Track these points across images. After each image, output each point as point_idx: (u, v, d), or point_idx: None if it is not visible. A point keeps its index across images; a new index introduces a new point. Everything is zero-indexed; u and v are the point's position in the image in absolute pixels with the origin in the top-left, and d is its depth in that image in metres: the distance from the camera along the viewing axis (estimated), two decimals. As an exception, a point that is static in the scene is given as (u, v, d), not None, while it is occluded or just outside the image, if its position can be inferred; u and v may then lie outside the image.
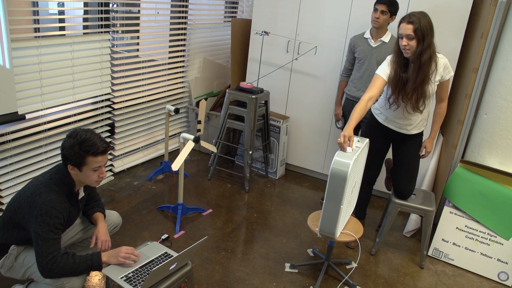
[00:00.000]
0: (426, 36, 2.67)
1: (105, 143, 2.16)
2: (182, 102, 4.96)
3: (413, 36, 2.67)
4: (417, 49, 2.71)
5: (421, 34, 2.66)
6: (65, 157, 2.12)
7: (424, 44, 2.68)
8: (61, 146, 2.12)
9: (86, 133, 2.13)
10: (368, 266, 3.23)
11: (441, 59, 2.81)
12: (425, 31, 2.65)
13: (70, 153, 2.09)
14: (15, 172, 3.21)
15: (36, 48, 3.12)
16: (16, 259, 2.22)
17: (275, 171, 4.56)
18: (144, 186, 4.02)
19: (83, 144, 2.09)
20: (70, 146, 2.09)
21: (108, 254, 2.21)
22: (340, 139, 2.55)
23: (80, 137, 2.10)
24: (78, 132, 2.12)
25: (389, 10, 3.39)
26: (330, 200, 2.52)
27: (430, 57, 2.72)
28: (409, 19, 2.68)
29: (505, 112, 3.20)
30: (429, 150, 3.19)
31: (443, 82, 2.89)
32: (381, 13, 3.40)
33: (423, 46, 2.68)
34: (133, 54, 4.17)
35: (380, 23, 3.43)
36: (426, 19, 2.68)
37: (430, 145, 3.19)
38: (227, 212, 3.75)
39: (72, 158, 2.10)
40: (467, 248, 3.30)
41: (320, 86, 4.29)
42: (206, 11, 5.16)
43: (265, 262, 3.13)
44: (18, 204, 2.12)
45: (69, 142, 2.10)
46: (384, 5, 3.38)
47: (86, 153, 2.10)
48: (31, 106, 3.19)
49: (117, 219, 2.66)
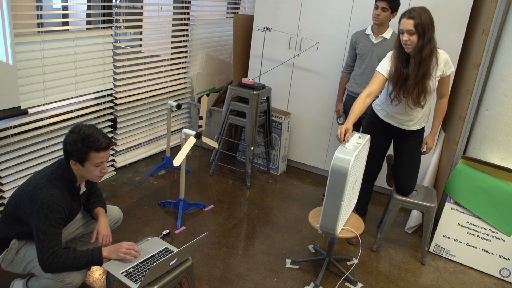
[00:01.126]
0: (427, 31, 2.68)
1: (108, 139, 2.17)
2: (184, 97, 4.97)
3: (414, 31, 2.69)
4: (418, 44, 2.72)
5: (422, 29, 2.67)
6: (67, 152, 2.13)
7: (425, 39, 2.69)
8: (64, 141, 2.13)
9: (88, 128, 2.13)
10: (369, 262, 3.23)
11: (442, 54, 2.82)
12: (425, 26, 2.67)
13: (72, 148, 2.09)
14: (17, 166, 3.22)
15: (39, 43, 3.13)
16: (17, 254, 2.23)
17: (277, 167, 4.56)
18: (146, 182, 4.04)
19: (86, 139, 2.09)
20: (73, 141, 2.09)
21: (108, 249, 2.22)
22: (337, 131, 2.65)
23: (83, 132, 2.10)
24: (81, 128, 2.12)
25: (390, 7, 3.38)
26: (330, 197, 2.52)
27: (431, 52, 2.73)
28: (410, 14, 2.70)
29: (507, 108, 3.19)
30: (430, 146, 3.18)
31: (444, 77, 2.90)
32: (382, 10, 3.39)
33: (423, 41, 2.70)
34: (136, 49, 4.17)
35: (381, 20, 3.43)
36: (426, 14, 2.70)
37: (431, 142, 3.18)
38: (228, 208, 3.76)
39: (74, 154, 2.11)
40: (469, 245, 3.30)
41: (322, 82, 4.29)
42: (208, 7, 5.16)
43: (266, 258, 3.14)
44: (20, 198, 2.13)
45: (72, 138, 2.10)
46: (384, 2, 3.36)
47: (89, 149, 2.10)
48: (33, 101, 3.20)
49: (118, 214, 2.67)
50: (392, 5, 3.37)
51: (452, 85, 3.74)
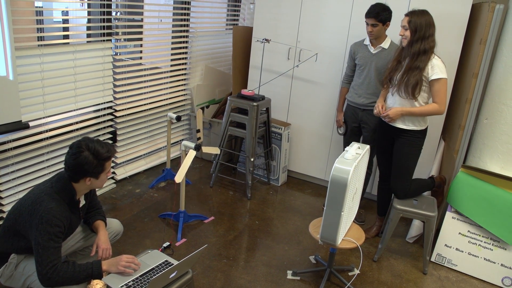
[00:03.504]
0: (419, 29, 2.94)
1: (109, 144, 2.24)
2: (184, 109, 4.98)
3: (407, 27, 2.98)
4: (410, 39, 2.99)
5: (414, 26, 2.95)
6: (84, 173, 2.14)
7: (416, 36, 2.96)
8: (77, 163, 2.12)
9: (92, 142, 2.16)
10: (371, 273, 3.22)
11: (434, 59, 3.00)
12: (418, 25, 2.94)
13: (90, 167, 2.13)
14: (17, 180, 3.22)
15: (39, 56, 3.15)
16: (16, 268, 2.22)
17: (277, 178, 4.56)
18: (146, 194, 4.03)
19: (99, 154, 2.14)
20: (88, 161, 2.12)
21: (108, 262, 2.21)
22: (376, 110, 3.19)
23: (91, 148, 2.14)
24: (87, 144, 2.14)
25: (379, 21, 3.39)
26: (330, 207, 2.52)
27: (420, 50, 2.96)
28: (408, 13, 3.03)
29: (505, 117, 3.20)
30: (387, 113, 3.15)
31: (431, 82, 3.02)
32: (372, 26, 3.43)
33: (414, 37, 2.97)
34: (135, 62, 4.19)
35: (375, 34, 3.47)
36: (424, 16, 2.96)
37: (393, 112, 3.13)
38: (229, 220, 3.75)
39: (92, 171, 2.15)
40: (470, 254, 3.28)
41: (321, 93, 4.30)
42: (208, 19, 5.19)
43: (267, 270, 3.13)
44: (19, 212, 2.13)
45: (86, 158, 2.11)
46: (372, 18, 3.40)
47: (104, 161, 2.17)
48: (33, 114, 3.21)
49: (119, 227, 2.67)
50: (381, 18, 3.38)
51: (451, 94, 3.75)
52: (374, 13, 3.37)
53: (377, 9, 3.37)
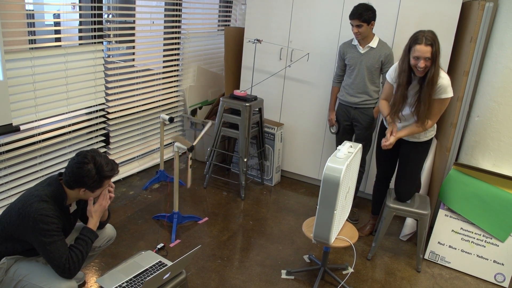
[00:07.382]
0: (439, 54, 2.75)
1: (115, 163, 2.23)
2: (177, 111, 4.98)
3: (430, 57, 2.74)
4: (429, 69, 2.78)
5: (435, 55, 2.74)
6: (82, 183, 2.12)
7: (436, 64, 2.76)
8: (78, 172, 2.10)
9: (99, 157, 2.15)
10: (365, 271, 3.23)
11: (441, 79, 2.83)
12: (439, 52, 2.75)
13: (89, 180, 2.12)
14: (9, 184, 3.20)
15: (30, 59, 3.14)
16: (6, 273, 2.18)
17: (271, 178, 4.57)
18: (140, 196, 4.02)
19: (102, 169, 2.13)
20: (90, 175, 2.10)
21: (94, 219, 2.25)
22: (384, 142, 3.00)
23: (98, 162, 2.12)
24: (93, 157, 2.13)
25: (364, 21, 3.40)
26: (323, 206, 2.53)
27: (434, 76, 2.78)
28: (427, 41, 2.73)
29: (496, 114, 3.22)
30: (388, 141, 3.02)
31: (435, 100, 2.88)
32: (357, 27, 3.44)
33: (435, 66, 2.76)
34: (127, 64, 4.18)
35: (361, 35, 3.49)
36: (437, 39, 2.76)
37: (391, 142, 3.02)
38: (223, 220, 3.75)
39: (91, 185, 2.14)
40: (463, 251, 3.30)
41: (314, 92, 4.31)
42: (199, 20, 5.19)
43: (262, 270, 3.13)
44: (9, 216, 2.11)
45: (88, 171, 2.10)
46: (356, 20, 3.41)
47: (105, 178, 2.16)
48: (25, 118, 3.19)
49: (112, 232, 2.64)
50: (364, 18, 3.39)
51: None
52: (357, 14, 3.39)
53: (360, 10, 3.38)
